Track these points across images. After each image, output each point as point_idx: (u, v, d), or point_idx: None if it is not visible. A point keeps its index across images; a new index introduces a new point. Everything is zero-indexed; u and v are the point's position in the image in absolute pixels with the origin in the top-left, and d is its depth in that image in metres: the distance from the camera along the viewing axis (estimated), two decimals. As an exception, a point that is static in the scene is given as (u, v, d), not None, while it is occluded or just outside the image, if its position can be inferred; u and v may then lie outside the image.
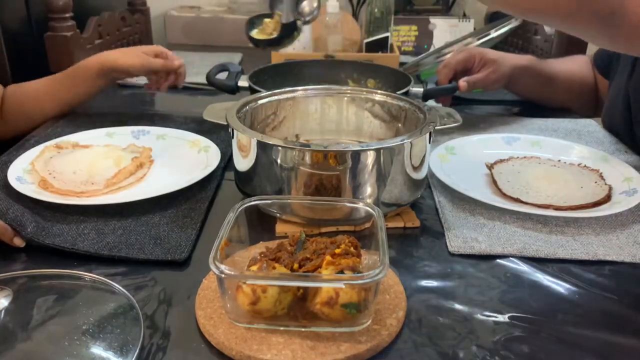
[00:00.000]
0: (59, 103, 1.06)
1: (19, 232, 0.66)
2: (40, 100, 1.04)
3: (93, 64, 1.04)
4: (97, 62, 1.04)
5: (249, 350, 0.50)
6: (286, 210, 0.70)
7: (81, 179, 0.80)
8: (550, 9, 0.66)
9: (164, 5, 1.92)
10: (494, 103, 1.24)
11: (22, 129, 1.03)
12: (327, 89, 0.88)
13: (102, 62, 1.03)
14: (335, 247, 0.56)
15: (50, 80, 1.06)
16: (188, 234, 0.69)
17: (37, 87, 1.05)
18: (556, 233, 0.71)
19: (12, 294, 0.55)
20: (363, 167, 0.67)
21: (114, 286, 0.58)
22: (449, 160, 0.89)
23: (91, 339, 0.51)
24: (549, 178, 0.83)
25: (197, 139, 0.94)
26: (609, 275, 0.64)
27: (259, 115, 0.83)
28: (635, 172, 0.83)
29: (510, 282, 0.62)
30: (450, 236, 0.70)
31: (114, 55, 1.04)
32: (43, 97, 1.04)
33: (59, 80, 1.05)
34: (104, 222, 0.71)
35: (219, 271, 0.50)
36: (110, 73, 1.04)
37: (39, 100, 1.04)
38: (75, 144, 0.92)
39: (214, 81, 1.09)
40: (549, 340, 0.53)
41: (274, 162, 0.68)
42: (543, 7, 0.66)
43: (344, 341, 0.51)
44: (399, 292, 0.58)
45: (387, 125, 0.86)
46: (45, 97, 1.04)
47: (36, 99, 1.04)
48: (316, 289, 0.51)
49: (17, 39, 1.28)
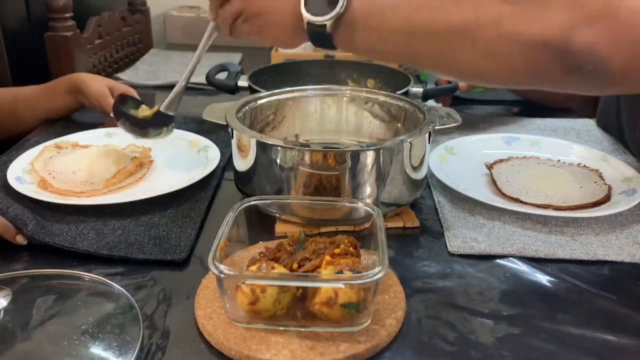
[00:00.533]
0: (34, 113, 1.05)
1: (21, 230, 0.66)
2: (17, 108, 1.04)
3: (67, 79, 1.04)
4: (70, 78, 1.04)
5: (248, 350, 0.50)
6: (285, 210, 0.70)
7: (81, 179, 0.80)
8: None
9: (164, 5, 1.92)
10: (493, 103, 1.24)
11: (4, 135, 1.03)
12: (327, 89, 0.88)
13: (72, 79, 1.03)
14: (335, 247, 0.56)
15: (34, 89, 1.06)
16: (187, 233, 0.69)
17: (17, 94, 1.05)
18: (556, 233, 0.71)
19: (11, 294, 0.55)
20: (362, 167, 0.67)
21: (114, 286, 0.58)
22: (448, 160, 0.89)
23: (90, 338, 0.51)
24: (549, 178, 0.83)
25: (197, 139, 0.94)
26: (609, 275, 0.64)
27: (259, 115, 0.83)
28: (634, 172, 0.83)
29: (509, 282, 0.62)
30: (449, 236, 0.70)
31: (84, 76, 1.03)
32: (20, 106, 1.04)
33: (40, 91, 1.05)
34: (103, 222, 0.71)
35: (218, 271, 0.50)
36: (76, 92, 1.02)
37: (17, 107, 1.04)
38: (75, 144, 0.92)
39: (213, 81, 1.09)
40: (549, 340, 0.53)
41: (274, 162, 0.68)
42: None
43: (343, 341, 0.51)
44: (399, 292, 0.58)
45: (387, 125, 0.86)
46: (22, 106, 1.04)
47: (13, 106, 1.04)
48: (315, 289, 0.51)
49: (17, 39, 1.28)
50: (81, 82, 1.01)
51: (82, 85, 1.01)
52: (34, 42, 1.31)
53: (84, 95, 1.01)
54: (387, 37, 0.60)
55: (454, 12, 0.56)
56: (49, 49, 1.25)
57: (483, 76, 0.60)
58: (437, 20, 0.57)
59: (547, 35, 0.53)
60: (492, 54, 0.56)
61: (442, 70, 0.63)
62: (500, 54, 0.55)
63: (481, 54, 0.56)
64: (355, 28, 0.61)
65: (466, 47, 0.56)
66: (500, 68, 0.57)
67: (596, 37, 0.51)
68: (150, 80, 1.36)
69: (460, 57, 0.58)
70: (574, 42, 0.52)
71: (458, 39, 0.57)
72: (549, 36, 0.53)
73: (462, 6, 0.56)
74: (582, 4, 0.52)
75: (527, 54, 0.54)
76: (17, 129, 1.04)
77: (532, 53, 0.54)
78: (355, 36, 0.62)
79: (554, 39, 0.52)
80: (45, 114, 1.06)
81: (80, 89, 1.01)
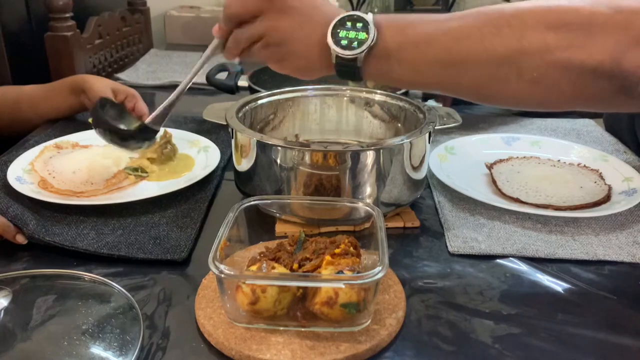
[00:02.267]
0: (37, 112, 1.05)
1: (21, 230, 0.66)
2: (20, 107, 1.04)
3: (71, 79, 1.04)
4: (74, 78, 1.04)
5: (249, 350, 0.50)
6: (286, 210, 0.70)
7: (81, 179, 0.80)
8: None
9: (164, 5, 1.92)
10: (493, 103, 1.24)
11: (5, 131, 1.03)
12: (327, 89, 0.88)
13: (76, 80, 1.03)
14: (335, 247, 0.56)
15: (37, 88, 1.06)
16: (188, 233, 0.69)
17: (20, 92, 1.05)
18: (556, 233, 0.71)
19: (11, 294, 0.55)
20: (362, 167, 0.67)
21: (114, 286, 0.58)
22: (448, 160, 0.89)
23: (91, 338, 0.51)
24: (549, 178, 0.83)
25: (197, 139, 0.94)
26: (609, 275, 0.64)
27: (259, 115, 0.83)
28: (635, 172, 0.83)
29: (509, 282, 0.62)
30: (450, 236, 0.70)
31: (88, 77, 1.02)
32: (24, 105, 1.04)
33: (43, 90, 1.05)
34: (103, 222, 0.71)
35: (219, 271, 0.50)
36: (79, 93, 1.02)
37: (20, 106, 1.04)
38: (75, 144, 0.92)
39: (213, 81, 1.09)
40: (549, 340, 0.53)
41: (274, 162, 0.68)
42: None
43: (344, 341, 0.51)
44: (399, 292, 0.58)
45: (387, 125, 0.86)
46: (25, 104, 1.04)
47: (16, 104, 1.04)
48: (316, 289, 0.51)
49: (17, 39, 1.28)
50: (85, 82, 1.01)
51: (85, 85, 1.00)
52: (34, 42, 1.31)
53: (87, 95, 1.00)
54: (422, 69, 0.58)
55: (497, 42, 0.54)
56: (49, 49, 1.25)
57: (528, 103, 0.59)
58: (479, 51, 0.55)
59: (596, 60, 0.52)
60: (539, 82, 0.54)
61: (485, 100, 0.61)
62: (548, 81, 0.54)
63: (527, 83, 0.55)
64: (387, 61, 0.58)
65: (511, 76, 0.55)
66: (547, 95, 0.56)
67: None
68: (150, 80, 1.36)
69: (505, 86, 0.56)
70: (623, 65, 0.51)
71: (503, 68, 0.55)
72: (598, 62, 0.52)
73: (505, 36, 0.54)
74: (626, 27, 0.51)
75: (576, 81, 0.53)
76: (19, 127, 1.04)
77: (582, 79, 0.53)
78: (387, 69, 0.59)
79: (603, 64, 0.52)
80: (48, 114, 1.06)
81: (83, 90, 1.01)
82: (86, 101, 1.02)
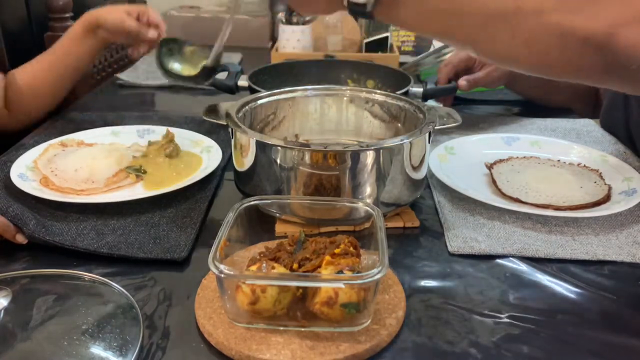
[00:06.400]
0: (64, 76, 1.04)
1: (21, 229, 0.66)
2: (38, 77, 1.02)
3: (78, 23, 1.02)
4: (83, 18, 1.02)
5: (249, 350, 0.50)
6: (286, 210, 0.70)
7: (82, 177, 0.80)
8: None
9: (164, 5, 1.92)
10: (493, 103, 1.24)
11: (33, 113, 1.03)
12: (327, 89, 0.88)
13: (86, 17, 1.01)
14: (335, 247, 0.56)
15: (44, 54, 1.04)
16: (187, 233, 0.69)
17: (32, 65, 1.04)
18: (556, 233, 0.71)
19: (11, 294, 0.55)
20: (362, 167, 0.67)
21: (114, 286, 0.58)
22: (448, 160, 0.89)
23: (90, 338, 0.51)
24: (549, 178, 0.83)
25: (201, 139, 0.94)
26: (609, 275, 0.64)
27: (259, 115, 0.83)
28: (634, 172, 0.83)
29: (509, 282, 0.62)
30: (449, 236, 0.70)
31: (97, 12, 1.01)
32: (39, 73, 1.02)
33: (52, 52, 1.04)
34: (103, 222, 0.71)
35: (219, 271, 0.50)
36: (96, 29, 1.01)
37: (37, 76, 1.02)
38: (80, 141, 0.92)
39: (213, 81, 1.09)
40: (549, 340, 0.54)
41: (274, 162, 0.68)
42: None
43: (344, 341, 0.51)
44: (399, 292, 0.58)
45: (387, 125, 0.86)
46: (41, 72, 1.02)
47: (33, 76, 1.02)
48: (315, 289, 0.51)
49: (17, 39, 1.28)
50: (97, 18, 0.99)
51: (99, 21, 0.99)
52: (34, 42, 1.31)
53: (104, 28, 0.99)
54: (425, 16, 0.60)
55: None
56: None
57: (522, 65, 0.58)
58: (477, 4, 0.56)
59: (590, 29, 0.51)
60: (531, 45, 0.54)
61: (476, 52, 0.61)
62: (540, 45, 0.54)
63: (520, 44, 0.54)
64: (395, 6, 0.60)
65: (504, 34, 0.55)
66: (538, 60, 0.55)
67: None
68: (150, 80, 1.36)
69: (500, 45, 0.56)
70: (618, 40, 0.50)
71: (496, 24, 0.55)
72: (591, 31, 0.51)
73: None
74: (632, 1, 0.50)
75: (565, 48, 0.52)
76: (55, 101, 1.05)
77: (572, 48, 0.52)
78: (394, 11, 0.61)
79: (596, 35, 0.50)
80: (75, 70, 1.04)
81: (98, 24, 1.00)
82: (105, 35, 1.01)
